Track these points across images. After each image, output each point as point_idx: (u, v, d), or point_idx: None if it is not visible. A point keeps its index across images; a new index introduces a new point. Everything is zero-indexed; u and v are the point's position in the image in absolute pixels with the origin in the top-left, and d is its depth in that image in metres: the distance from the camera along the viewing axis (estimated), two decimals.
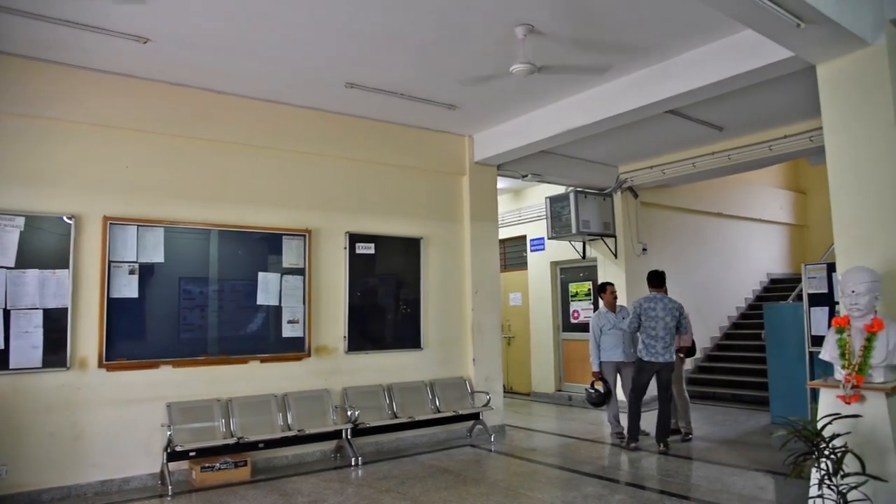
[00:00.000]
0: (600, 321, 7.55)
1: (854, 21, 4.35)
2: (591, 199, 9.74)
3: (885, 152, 4.50)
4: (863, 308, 4.01)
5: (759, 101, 7.10)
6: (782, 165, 13.75)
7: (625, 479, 5.97)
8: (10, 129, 5.47)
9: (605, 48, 5.66)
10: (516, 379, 11.81)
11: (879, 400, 3.77)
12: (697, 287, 10.90)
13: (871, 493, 3.59)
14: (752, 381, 9.89)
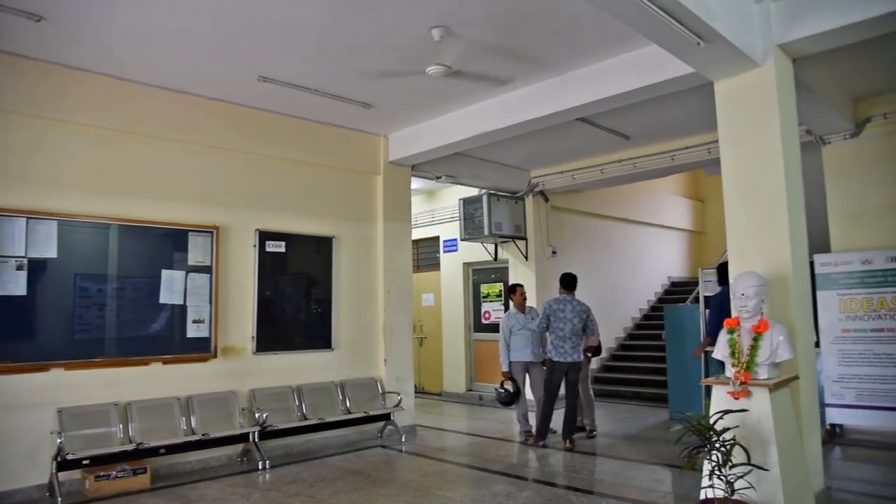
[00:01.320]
0: (510, 322, 7.71)
1: (747, 43, 4.66)
2: (504, 201, 9.94)
3: (773, 166, 4.83)
4: (751, 310, 4.29)
5: (664, 113, 7.47)
6: (683, 175, 14.52)
7: (533, 476, 6.12)
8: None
9: (519, 55, 5.81)
10: (428, 379, 11.88)
11: (764, 395, 4.05)
12: (604, 289, 11.31)
13: (754, 481, 3.85)
14: (653, 379, 10.35)
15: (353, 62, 5.92)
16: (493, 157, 9.44)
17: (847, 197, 7.43)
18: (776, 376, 4.21)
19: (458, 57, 5.67)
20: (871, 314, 6.75)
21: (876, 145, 7.26)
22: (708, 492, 3.99)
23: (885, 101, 7.16)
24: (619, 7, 3.93)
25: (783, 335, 4.17)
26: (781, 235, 4.77)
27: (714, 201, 14.81)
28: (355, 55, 5.76)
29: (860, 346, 6.78)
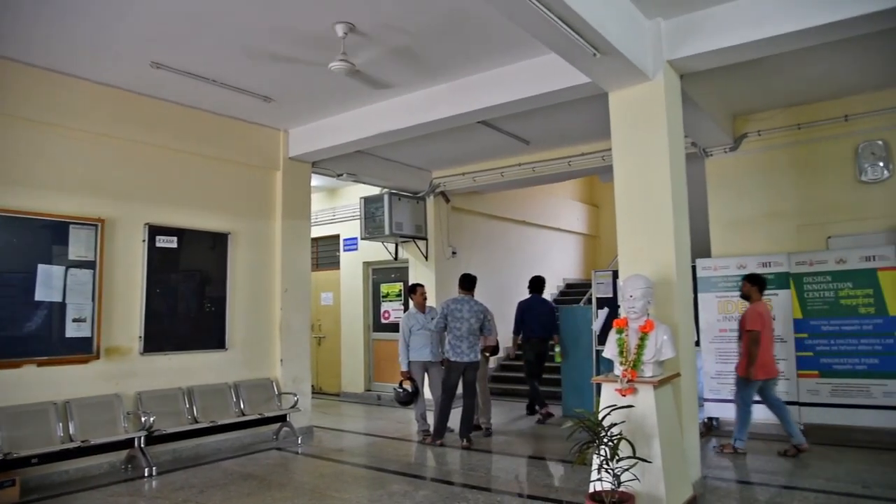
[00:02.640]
0: (410, 321, 7.73)
1: (639, 57, 4.90)
2: (405, 201, 9.95)
3: (661, 175, 5.10)
4: (638, 311, 4.52)
5: (562, 120, 7.73)
6: (580, 180, 15.07)
7: (430, 475, 6.16)
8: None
9: (423, 57, 5.84)
10: (326, 379, 11.72)
11: (648, 392, 4.28)
12: (502, 289, 11.54)
13: (639, 473, 4.05)
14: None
15: (253, 53, 5.74)
16: (395, 157, 9.43)
17: (726, 206, 7.97)
18: (660, 374, 4.45)
19: (361, 54, 5.63)
20: None
21: (752, 159, 7.82)
22: (596, 485, 4.17)
23: (760, 118, 7.73)
24: (522, 15, 4.02)
25: (667, 335, 4.41)
26: (667, 241, 5.05)
27: (608, 207, 15.44)
28: (256, 46, 5.59)
29: (735, 345, 7.27)
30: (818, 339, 6.94)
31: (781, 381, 6.93)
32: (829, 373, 6.84)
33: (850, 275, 6.80)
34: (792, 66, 6.31)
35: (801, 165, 7.55)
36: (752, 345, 6.21)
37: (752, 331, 6.23)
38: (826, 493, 5.06)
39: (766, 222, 7.69)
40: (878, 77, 6.78)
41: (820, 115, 7.41)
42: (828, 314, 6.90)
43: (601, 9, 4.32)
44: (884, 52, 6.05)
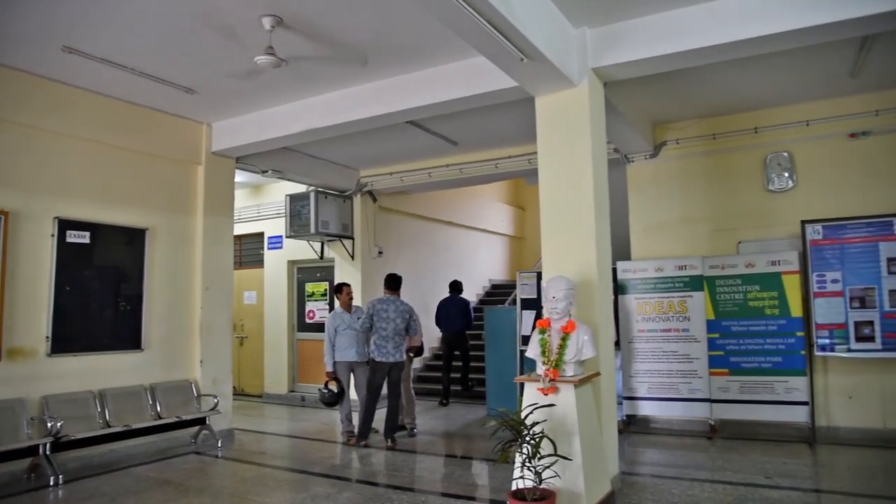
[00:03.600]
0: (335, 321, 7.65)
1: (565, 64, 5.02)
2: (332, 200, 9.84)
3: (583, 179, 5.24)
4: (560, 312, 4.62)
5: (490, 123, 7.83)
6: (506, 182, 15.31)
7: (354, 477, 6.11)
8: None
9: (352, 54, 5.78)
10: (248, 380, 11.45)
11: (569, 391, 4.38)
12: (428, 290, 11.58)
13: (560, 470, 4.15)
14: (473, 377, 10.75)
15: (175, 42, 5.54)
16: (322, 155, 9.31)
17: (646, 211, 8.26)
18: (581, 373, 4.57)
19: (289, 49, 5.52)
20: (662, 316, 7.56)
21: (670, 166, 8.14)
22: (519, 483, 4.24)
23: (678, 127, 8.06)
24: (452, 18, 4.05)
25: (588, 335, 4.54)
26: (589, 243, 5.19)
27: (533, 209, 15.73)
28: (178, 35, 5.40)
29: (652, 345, 7.57)
30: (729, 339, 7.28)
31: (695, 379, 7.27)
32: (737, 371, 7.19)
33: (758, 278, 7.18)
34: (708, 78, 6.60)
35: (715, 174, 7.92)
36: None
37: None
38: (733, 484, 5.34)
39: (682, 227, 8.02)
40: (784, 93, 7.18)
41: (733, 126, 7.79)
42: (737, 315, 7.26)
43: (530, 15, 4.40)
44: (790, 69, 6.43)
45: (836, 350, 6.83)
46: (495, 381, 8.89)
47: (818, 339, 6.88)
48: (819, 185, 7.35)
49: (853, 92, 7.09)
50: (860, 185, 7.14)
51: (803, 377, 6.89)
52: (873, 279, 6.73)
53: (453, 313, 10.27)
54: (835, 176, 7.28)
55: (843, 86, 6.91)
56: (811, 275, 6.96)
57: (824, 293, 6.91)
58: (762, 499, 4.96)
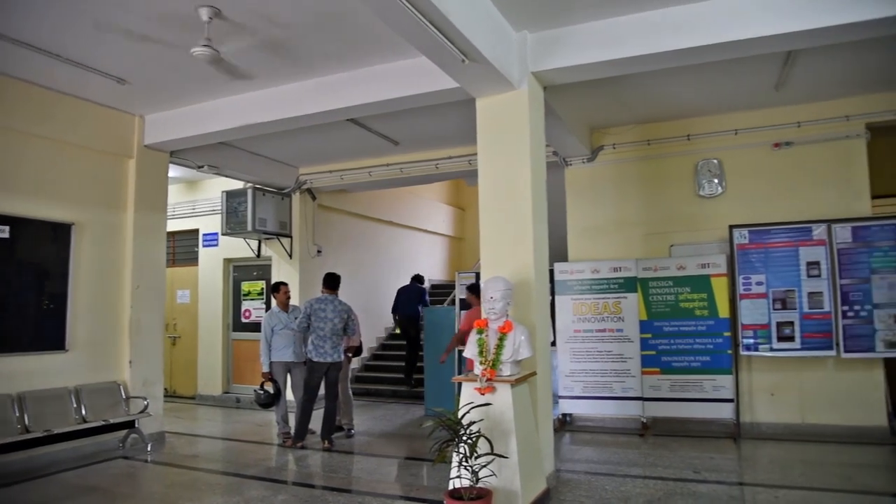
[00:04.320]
0: (272, 321, 7.52)
1: (506, 67, 5.08)
2: (270, 197, 9.67)
3: (522, 181, 5.31)
4: (498, 312, 4.67)
5: (431, 123, 7.84)
6: (447, 183, 15.37)
7: (290, 479, 6.03)
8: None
9: (292, 50, 5.70)
10: (180, 381, 11.12)
11: (506, 390, 4.43)
12: (367, 289, 11.52)
13: (496, 469, 4.19)
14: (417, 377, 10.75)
15: (106, 29, 5.32)
16: (260, 151, 9.14)
17: (583, 213, 8.43)
18: (518, 373, 4.63)
19: (227, 42, 5.40)
20: (597, 316, 7.73)
21: (607, 171, 8.34)
22: (456, 482, 4.26)
23: (615, 133, 8.26)
24: (395, 18, 4.05)
25: (524, 335, 4.60)
26: (527, 244, 5.26)
27: (473, 210, 15.84)
28: (110, 21, 5.19)
29: (588, 345, 7.73)
30: (660, 339, 7.50)
31: (629, 378, 7.46)
32: (668, 370, 7.42)
33: (689, 280, 7.43)
34: (644, 86, 6.79)
35: (650, 178, 8.15)
36: (457, 343, 7.34)
37: (462, 331, 7.39)
38: (663, 479, 5.52)
39: (617, 230, 8.22)
40: (715, 102, 7.45)
41: (666, 133, 8.04)
42: (669, 316, 7.49)
43: (472, 17, 4.44)
44: (720, 80, 6.68)
45: (760, 349, 7.14)
46: (433, 380, 8.90)
47: (743, 339, 7.18)
48: (746, 191, 7.67)
49: (778, 104, 7.43)
50: (783, 192, 7.48)
51: (729, 375, 7.17)
52: (794, 282, 7.07)
53: (411, 297, 10.73)
54: (760, 183, 7.61)
55: (769, 98, 7.23)
56: (738, 277, 7.26)
57: (749, 295, 7.21)
58: (690, 493, 5.14)
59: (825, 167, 7.36)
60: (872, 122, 7.24)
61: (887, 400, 7.02)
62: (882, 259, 6.83)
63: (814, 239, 7.04)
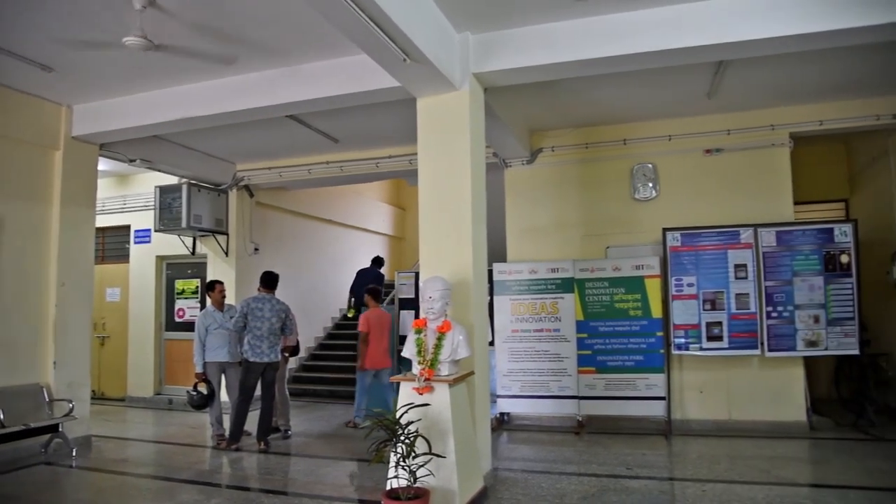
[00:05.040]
0: (206, 320, 7.33)
1: (447, 67, 5.10)
2: (206, 193, 9.43)
3: (462, 182, 5.35)
4: (436, 312, 4.69)
5: (372, 122, 7.79)
6: (387, 182, 15.31)
7: (225, 482, 5.90)
8: None
9: (230, 41, 5.56)
10: (109, 383, 10.72)
11: (444, 390, 4.45)
12: (306, 288, 11.36)
13: (434, 468, 4.21)
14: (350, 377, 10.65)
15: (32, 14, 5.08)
16: (196, 146, 8.89)
17: (522, 214, 8.53)
18: (456, 372, 4.65)
19: (162, 32, 5.22)
20: (535, 316, 7.84)
21: (545, 173, 8.47)
22: (393, 482, 4.26)
23: (554, 136, 8.40)
24: (336, 14, 4.01)
25: (463, 335, 4.63)
26: (466, 245, 5.29)
27: (414, 209, 15.83)
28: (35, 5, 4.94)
29: (525, 345, 7.83)
30: (596, 339, 7.67)
31: (565, 378, 7.59)
32: (604, 369, 7.58)
33: (624, 281, 7.61)
34: (584, 91, 6.93)
35: (587, 181, 8.32)
36: (361, 343, 7.97)
37: (360, 332, 7.98)
38: (597, 476, 5.64)
39: (555, 231, 8.36)
40: (650, 109, 7.68)
41: (604, 137, 8.23)
42: (604, 316, 7.66)
43: (414, 17, 4.44)
44: (656, 87, 6.88)
45: (690, 349, 7.38)
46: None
47: (675, 338, 7.41)
48: (679, 195, 7.92)
49: (709, 112, 7.70)
50: (714, 197, 7.77)
51: (661, 374, 7.38)
52: (722, 283, 7.35)
53: (368, 280, 10.24)
54: (692, 188, 7.88)
55: (701, 105, 7.49)
56: (670, 279, 7.49)
57: (681, 296, 7.45)
58: (623, 488, 5.27)
59: (752, 174, 7.68)
60: (796, 132, 7.60)
61: (806, 396, 7.38)
62: (803, 262, 7.17)
63: (741, 242, 7.33)
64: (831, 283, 7.10)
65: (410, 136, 5.77)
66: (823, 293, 7.10)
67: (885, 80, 6.87)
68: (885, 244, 7.92)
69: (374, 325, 8.05)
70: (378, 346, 8.08)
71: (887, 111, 7.29)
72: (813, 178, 9.09)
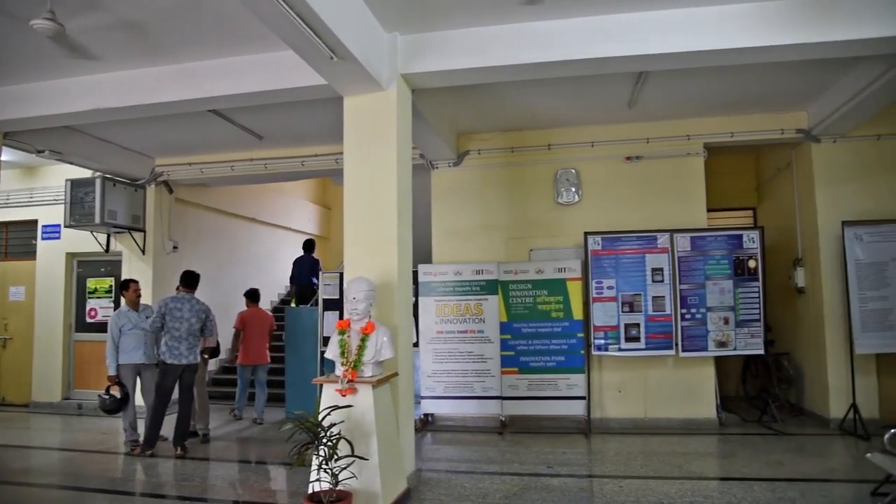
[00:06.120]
0: (120, 321, 7.02)
1: (375, 67, 5.08)
2: (122, 188, 9.03)
3: (388, 182, 5.34)
4: (360, 313, 4.66)
5: (298, 119, 7.67)
6: (314, 181, 15.08)
7: (139, 490, 5.67)
8: None
9: (150, 32, 5.35)
10: (11, 388, 10.13)
11: (367, 391, 4.43)
12: (228, 288, 11.05)
13: (357, 471, 4.17)
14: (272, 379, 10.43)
15: None
16: (112, 138, 8.50)
17: (448, 216, 8.59)
18: (379, 374, 4.64)
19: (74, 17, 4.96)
20: (459, 318, 7.90)
21: (471, 175, 8.55)
22: (315, 485, 4.20)
23: (480, 139, 8.50)
24: (262, 8, 3.93)
25: (387, 336, 4.62)
26: (391, 245, 5.28)
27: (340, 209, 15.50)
28: None
29: (450, 346, 7.88)
30: (519, 340, 7.80)
31: (489, 378, 7.69)
32: (526, 370, 7.72)
33: (546, 283, 7.77)
34: (510, 95, 7.04)
35: (512, 184, 8.45)
36: (234, 339, 8.68)
37: (234, 329, 8.69)
38: (519, 475, 5.75)
39: (481, 233, 8.46)
40: (574, 115, 7.88)
41: (529, 141, 8.38)
42: (527, 318, 7.80)
43: (342, 14, 4.40)
44: (579, 95, 7.07)
45: (610, 350, 7.61)
46: (295, 382, 8.71)
47: (595, 339, 7.62)
48: (600, 200, 8.16)
49: (630, 120, 7.98)
50: (633, 202, 8.05)
51: (582, 374, 7.58)
52: (640, 286, 7.61)
53: (304, 269, 10.94)
54: (613, 193, 8.13)
55: (622, 114, 7.75)
56: (591, 281, 7.70)
57: (601, 298, 7.67)
58: (544, 487, 5.38)
59: (669, 181, 8.01)
60: (710, 143, 7.98)
61: (716, 394, 7.75)
62: (715, 266, 7.52)
63: (658, 247, 7.62)
64: (740, 286, 7.47)
65: (337, 135, 5.70)
66: (733, 296, 7.46)
67: (791, 97, 7.35)
68: (788, 250, 8.42)
69: (248, 323, 8.72)
70: (252, 343, 8.71)
71: (791, 126, 7.77)
72: (724, 186, 9.55)
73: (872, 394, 7.34)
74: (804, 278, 8.05)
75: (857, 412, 7.00)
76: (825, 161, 7.68)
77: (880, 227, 7.13)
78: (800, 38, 4.98)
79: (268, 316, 9.15)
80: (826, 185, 7.67)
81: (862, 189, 7.56)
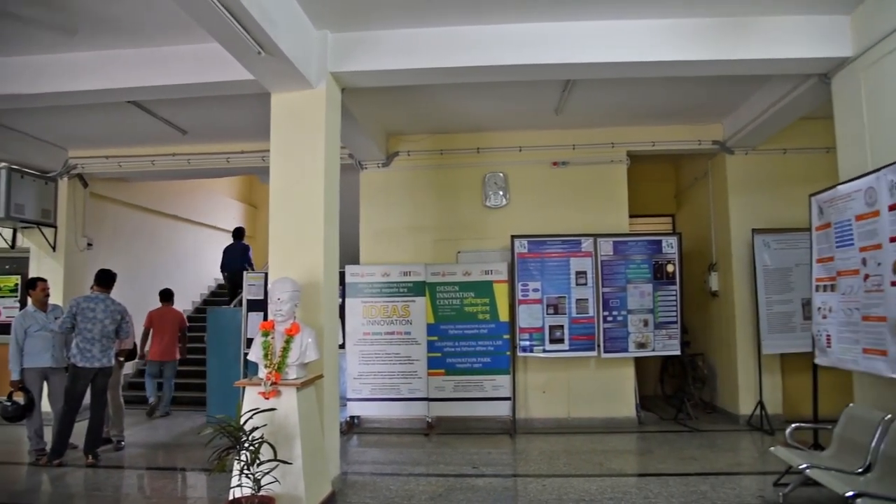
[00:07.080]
0: (26, 321, 6.62)
1: (304, 64, 5.00)
2: (30, 180, 8.53)
3: (315, 181, 5.26)
4: (285, 314, 4.57)
5: (224, 114, 7.46)
6: (239, 178, 14.71)
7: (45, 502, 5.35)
8: None
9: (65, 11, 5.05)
10: None
11: (292, 394, 4.35)
12: (146, 288, 10.61)
13: (280, 475, 4.09)
14: (193, 382, 10.11)
15: None
16: (20, 126, 8.03)
17: (376, 217, 8.54)
18: (304, 376, 4.56)
19: None
20: (387, 319, 7.86)
21: (401, 176, 8.53)
22: (237, 491, 4.09)
23: (410, 140, 8.50)
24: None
25: (311, 338, 4.55)
26: (317, 245, 5.21)
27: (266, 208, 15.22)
28: None
29: (377, 347, 7.83)
30: (446, 342, 7.83)
31: (415, 380, 7.68)
32: (453, 371, 7.76)
33: (473, 285, 7.84)
34: (440, 98, 7.07)
35: (441, 186, 8.49)
36: (143, 337, 9.03)
37: (144, 328, 9.03)
38: (445, 476, 5.76)
39: (409, 234, 8.45)
40: (503, 120, 7.99)
41: (459, 144, 8.44)
42: (454, 319, 7.84)
43: (270, 9, 4.32)
44: (508, 100, 7.17)
45: (535, 351, 7.74)
46: (217, 386, 8.43)
47: (520, 341, 7.74)
48: (527, 204, 8.30)
49: (557, 126, 8.16)
50: (559, 207, 8.24)
51: (507, 375, 7.68)
52: (565, 289, 7.78)
53: (235, 255, 10.90)
54: (540, 197, 8.29)
55: (550, 120, 7.91)
56: (517, 284, 7.81)
57: (527, 300, 7.79)
58: (469, 487, 5.42)
59: (594, 187, 8.23)
60: (632, 151, 8.25)
61: (636, 394, 8.02)
62: (636, 270, 7.77)
63: (582, 251, 7.81)
64: (659, 290, 7.75)
65: (264, 132, 5.56)
66: (652, 299, 7.73)
67: (708, 110, 7.70)
68: (703, 256, 8.81)
69: (156, 321, 9.11)
70: (160, 340, 9.08)
71: (708, 137, 8.13)
72: (646, 193, 9.90)
73: (777, 391, 7.77)
74: (718, 282, 8.43)
75: (763, 409, 7.40)
76: (738, 172, 8.08)
77: (786, 235, 7.54)
78: (714, 55, 5.26)
79: (178, 314, 9.41)
80: (739, 194, 8.06)
81: (770, 199, 7.99)
